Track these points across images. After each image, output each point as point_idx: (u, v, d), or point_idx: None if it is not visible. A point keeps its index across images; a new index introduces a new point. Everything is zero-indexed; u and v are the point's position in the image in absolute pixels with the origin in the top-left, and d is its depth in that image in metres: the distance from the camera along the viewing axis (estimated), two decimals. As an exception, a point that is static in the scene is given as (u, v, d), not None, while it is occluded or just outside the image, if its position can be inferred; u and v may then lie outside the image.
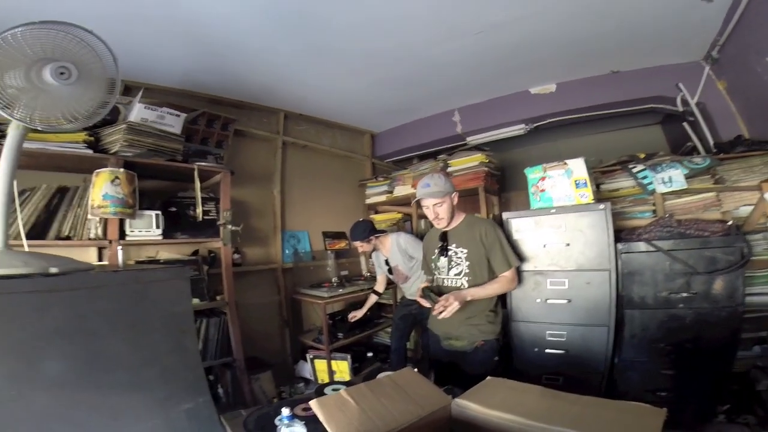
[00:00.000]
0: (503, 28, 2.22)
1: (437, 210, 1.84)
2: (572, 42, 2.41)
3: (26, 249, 1.31)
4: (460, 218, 1.93)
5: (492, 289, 1.82)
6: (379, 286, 3.14)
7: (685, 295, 1.90)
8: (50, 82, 1.06)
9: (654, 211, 2.24)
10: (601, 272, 2.01)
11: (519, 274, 2.05)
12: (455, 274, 1.87)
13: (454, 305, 1.65)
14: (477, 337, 1.82)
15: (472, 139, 3.59)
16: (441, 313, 1.67)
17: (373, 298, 3.15)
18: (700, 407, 1.94)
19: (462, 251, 1.86)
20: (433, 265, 1.99)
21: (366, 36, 2.26)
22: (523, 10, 2.05)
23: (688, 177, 2.16)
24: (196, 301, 2.28)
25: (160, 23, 2.00)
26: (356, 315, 3.12)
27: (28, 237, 1.76)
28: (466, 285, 1.83)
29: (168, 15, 1.94)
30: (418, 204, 1.92)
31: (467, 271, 1.84)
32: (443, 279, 1.92)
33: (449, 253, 1.88)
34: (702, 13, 2.07)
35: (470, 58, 2.60)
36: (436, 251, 1.94)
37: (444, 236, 1.92)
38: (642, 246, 2.00)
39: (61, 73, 1.07)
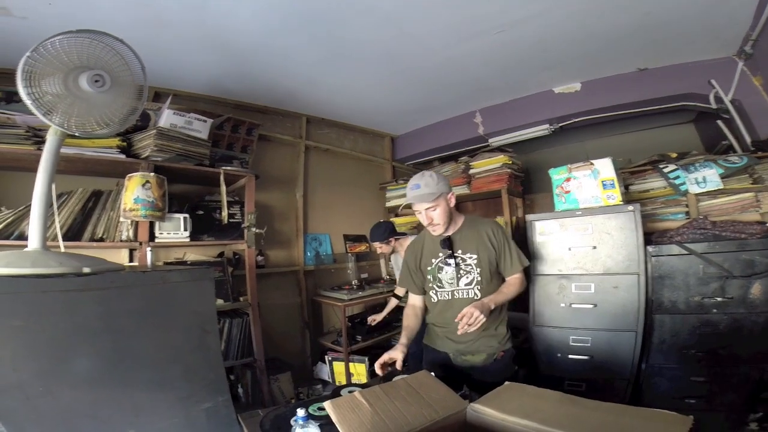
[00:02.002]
0: (524, 26, 2.18)
1: (431, 215, 1.61)
2: (595, 39, 2.34)
3: (62, 250, 1.38)
4: (460, 220, 1.71)
5: (510, 293, 1.63)
6: (400, 290, 3.13)
7: (719, 299, 1.82)
8: (86, 90, 1.12)
9: (687, 213, 2.14)
10: (629, 276, 1.95)
11: (527, 273, 1.82)
12: (466, 284, 1.65)
13: (481, 318, 1.41)
14: (497, 348, 1.65)
15: (495, 141, 3.54)
16: (465, 328, 1.42)
17: (393, 302, 3.10)
18: (731, 415, 1.85)
19: (471, 257, 1.64)
20: (430, 277, 1.72)
21: (385, 38, 2.27)
22: (543, 5, 2.01)
23: (723, 177, 2.06)
24: (220, 301, 2.34)
25: (187, 31, 2.08)
26: (376, 318, 3.09)
27: (65, 238, 1.86)
28: (479, 294, 1.62)
29: (194, 24, 2.01)
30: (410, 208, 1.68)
31: (479, 278, 1.63)
32: (452, 292, 1.67)
33: (457, 260, 1.65)
34: (729, 7, 1.97)
35: (491, 58, 2.56)
36: (435, 261, 1.70)
37: (448, 242, 1.66)
38: (674, 249, 1.93)
39: (96, 81, 1.13)
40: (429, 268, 1.71)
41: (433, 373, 1.11)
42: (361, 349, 3.06)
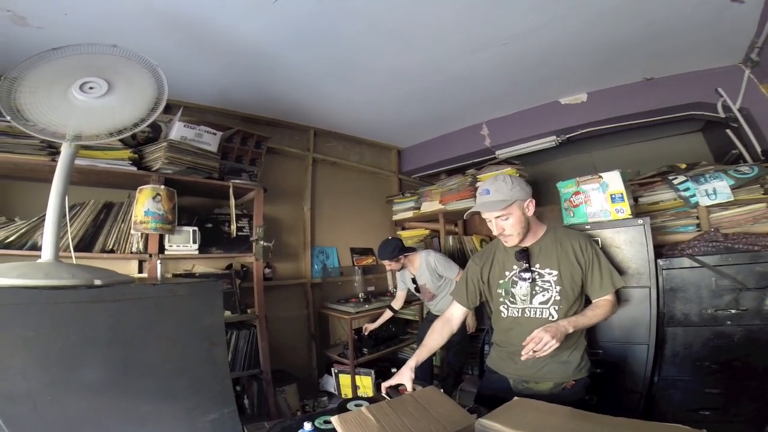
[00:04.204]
0: (528, 38, 2.20)
1: (501, 224, 1.44)
2: (600, 50, 2.34)
3: (74, 261, 1.39)
4: (540, 230, 1.53)
5: (596, 317, 1.42)
6: (397, 303, 3.13)
7: (733, 311, 1.78)
8: (80, 98, 1.13)
9: (698, 225, 2.10)
10: (640, 289, 1.91)
11: (619, 295, 1.60)
12: (541, 303, 1.44)
13: (551, 344, 1.24)
14: (568, 377, 1.44)
15: (502, 153, 3.54)
16: (530, 354, 1.27)
17: (387, 314, 3.13)
18: (748, 427, 1.80)
19: (551, 273, 1.44)
20: (502, 291, 1.52)
21: (391, 51, 2.30)
22: (547, 18, 2.02)
23: (734, 188, 2.02)
24: (228, 313, 2.34)
25: (197, 42, 2.10)
26: (369, 327, 3.13)
27: (76, 249, 1.89)
28: (556, 315, 1.42)
29: (204, 35, 2.04)
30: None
31: (558, 298, 1.42)
32: (522, 309, 1.48)
33: (534, 275, 1.46)
34: (733, 15, 1.96)
35: (496, 70, 2.58)
36: (508, 274, 1.51)
37: (525, 254, 1.47)
38: (685, 262, 1.90)
39: (91, 88, 1.14)
40: (501, 282, 1.53)
41: (442, 387, 1.09)
42: (368, 361, 3.04)
